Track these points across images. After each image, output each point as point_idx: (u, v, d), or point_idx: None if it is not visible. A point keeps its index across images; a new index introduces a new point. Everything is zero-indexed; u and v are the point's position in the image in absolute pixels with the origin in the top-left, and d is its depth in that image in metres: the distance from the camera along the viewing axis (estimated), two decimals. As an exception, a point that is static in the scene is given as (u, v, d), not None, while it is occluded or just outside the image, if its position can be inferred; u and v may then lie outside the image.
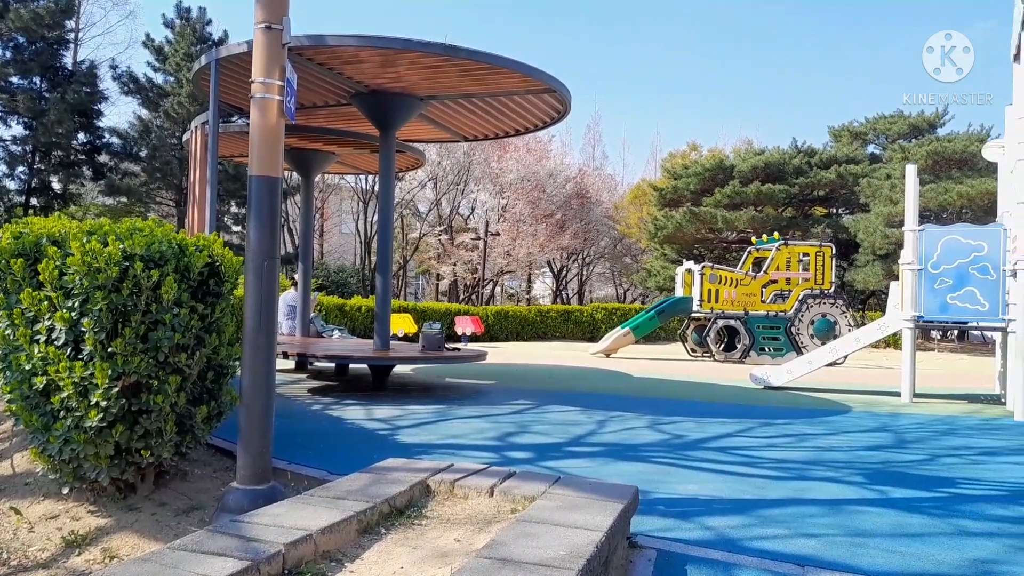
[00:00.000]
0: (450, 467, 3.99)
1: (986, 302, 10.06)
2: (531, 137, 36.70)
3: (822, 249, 19.40)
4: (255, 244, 4.06)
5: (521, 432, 7.15)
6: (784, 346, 18.55)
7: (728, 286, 19.27)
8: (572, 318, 28.52)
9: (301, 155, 13.14)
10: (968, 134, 30.21)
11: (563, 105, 10.48)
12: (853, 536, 4.06)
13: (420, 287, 50.81)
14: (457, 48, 8.76)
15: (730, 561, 3.59)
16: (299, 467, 5.25)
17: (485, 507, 3.50)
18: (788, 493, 5.02)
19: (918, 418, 9.02)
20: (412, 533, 3.18)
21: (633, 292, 46.23)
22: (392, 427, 7.19)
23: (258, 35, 4.08)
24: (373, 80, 9.89)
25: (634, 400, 10.19)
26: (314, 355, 10.11)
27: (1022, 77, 9.54)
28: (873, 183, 30.07)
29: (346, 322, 20.13)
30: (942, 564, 3.65)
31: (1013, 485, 5.50)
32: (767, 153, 34.71)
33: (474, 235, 36.91)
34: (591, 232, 40.13)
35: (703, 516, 4.35)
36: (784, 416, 8.83)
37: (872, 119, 35.75)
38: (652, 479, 5.27)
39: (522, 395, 10.10)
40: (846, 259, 31.51)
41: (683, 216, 32.97)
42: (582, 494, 3.55)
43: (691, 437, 7.17)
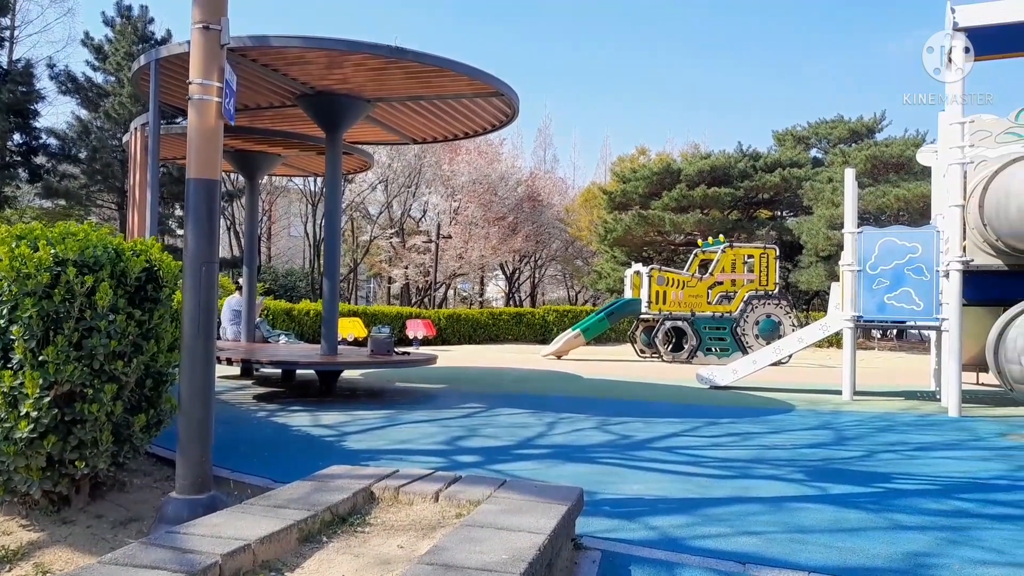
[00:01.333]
0: (395, 473, 3.96)
1: (921, 302, 10.40)
2: (482, 140, 36.73)
3: (766, 251, 19.81)
4: (193, 248, 3.98)
5: (470, 436, 7.13)
6: (730, 346, 18.88)
7: (675, 288, 19.55)
8: (524, 320, 28.58)
9: (245, 157, 12.91)
10: (904, 139, 31.20)
11: (511, 108, 10.50)
12: (793, 533, 4.14)
13: (371, 290, 50.36)
14: (404, 50, 8.71)
15: (673, 560, 3.64)
16: (242, 475, 5.15)
17: (430, 513, 3.48)
18: (731, 491, 5.10)
19: (858, 415, 9.27)
20: (355, 541, 3.15)
21: (585, 294, 46.56)
22: (339, 433, 7.11)
23: (195, 35, 4.00)
24: (319, 82, 9.78)
25: (584, 401, 10.26)
26: (259, 361, 9.94)
27: (953, 85, 9.88)
28: (816, 186, 30.83)
29: (294, 327, 19.83)
30: (876, 558, 3.76)
31: (945, 479, 5.69)
32: (713, 157, 35.32)
33: (426, 238, 36.75)
34: (543, 235, 40.31)
35: (648, 516, 4.39)
36: (729, 415, 8.99)
37: (814, 124, 36.68)
38: (599, 480, 5.31)
39: (472, 398, 10.09)
40: (790, 260, 32.25)
41: (632, 219, 33.35)
42: (527, 497, 3.55)
43: (638, 437, 7.24)
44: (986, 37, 9.87)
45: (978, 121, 9.37)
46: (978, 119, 9.39)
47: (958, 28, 9.59)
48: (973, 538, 4.13)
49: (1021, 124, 9.10)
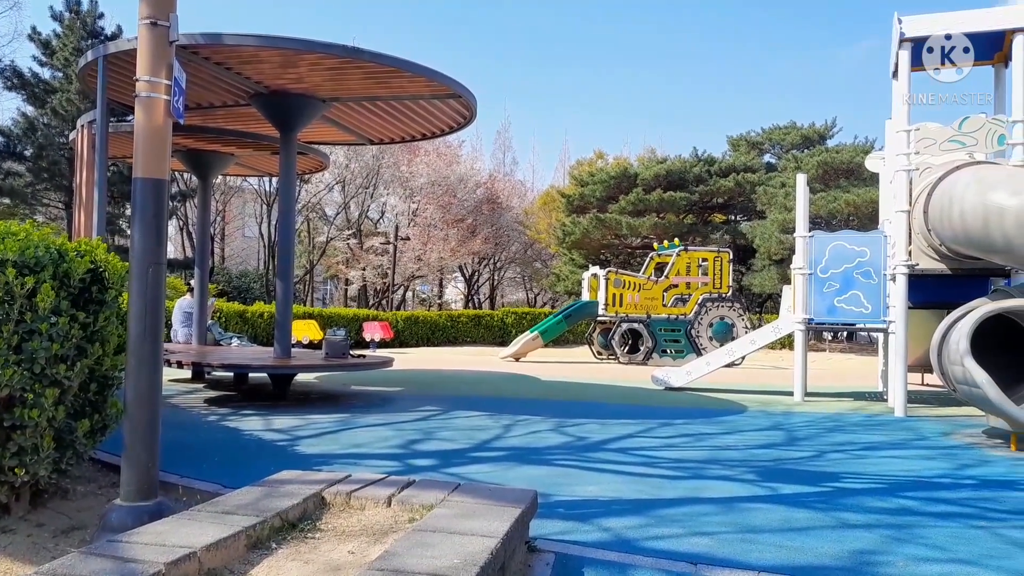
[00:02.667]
0: (347, 478, 3.91)
1: (869, 305, 10.65)
2: (441, 141, 36.61)
3: (720, 254, 20.10)
4: (140, 249, 3.88)
5: (426, 439, 7.09)
6: (685, 348, 19.11)
7: (632, 290, 19.72)
8: (483, 323, 28.54)
9: (197, 156, 12.68)
10: (855, 145, 31.96)
11: (469, 110, 10.48)
12: (744, 533, 4.20)
13: (328, 292, 49.82)
14: (360, 50, 8.64)
15: (626, 562, 3.66)
16: (191, 481, 5.04)
17: (382, 517, 3.45)
18: (684, 492, 5.16)
19: (808, 416, 9.45)
20: (304, 547, 3.10)
21: (544, 296, 46.69)
22: (292, 438, 7.01)
23: (143, 31, 3.90)
24: (273, 81, 9.64)
25: (541, 403, 10.28)
26: (210, 364, 9.75)
27: (900, 93, 10.14)
28: (769, 191, 31.39)
29: (247, 329, 19.50)
30: (824, 556, 3.83)
31: (891, 478, 5.83)
32: (669, 162, 35.74)
33: (384, 239, 36.46)
34: (502, 237, 40.31)
35: (602, 517, 4.41)
36: (683, 416, 9.09)
37: (768, 129, 37.35)
38: (555, 482, 5.32)
39: (429, 401, 10.04)
40: (744, 264, 32.78)
41: (590, 222, 33.56)
42: (481, 501, 3.54)
43: (594, 439, 7.28)
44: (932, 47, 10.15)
45: (923, 129, 9.61)
46: (923, 127, 9.64)
47: (904, 39, 9.86)
48: (917, 536, 4.23)
49: (964, 132, 9.36)
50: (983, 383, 6.79)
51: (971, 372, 6.92)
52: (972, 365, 6.94)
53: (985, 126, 9.31)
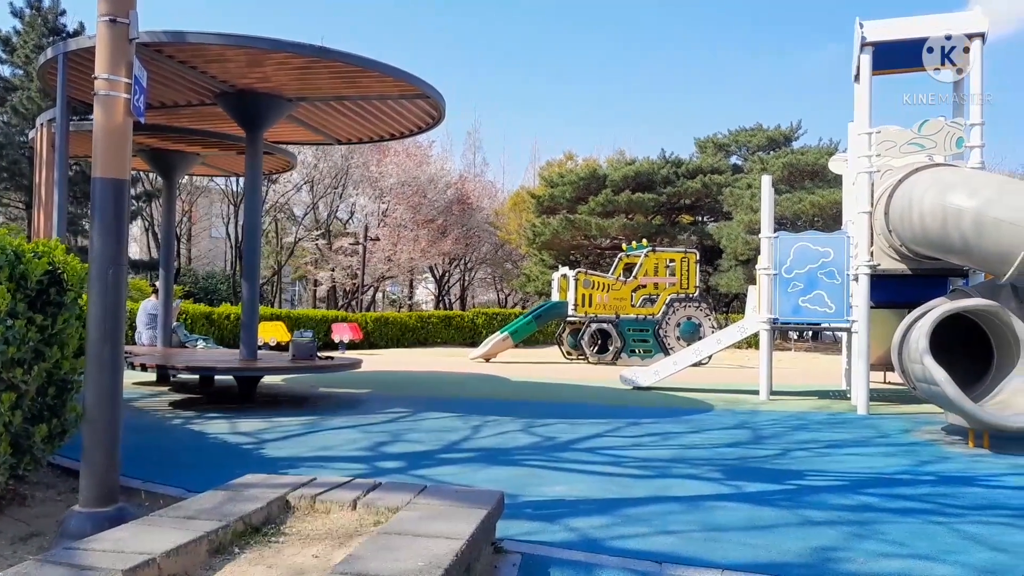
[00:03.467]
0: (312, 481, 3.88)
1: (833, 304, 10.82)
2: (411, 142, 36.47)
3: (687, 255, 20.29)
4: (99, 250, 3.81)
5: (394, 441, 7.06)
6: (653, 348, 19.25)
7: (600, 291, 19.82)
8: (453, 324, 28.48)
9: (162, 156, 12.49)
10: (819, 147, 32.45)
11: (437, 111, 10.46)
12: (709, 531, 4.24)
13: (297, 293, 49.39)
14: (327, 50, 8.57)
15: (592, 562, 3.67)
16: (154, 485, 4.97)
17: (347, 521, 3.43)
18: (651, 491, 5.19)
19: (773, 414, 9.57)
20: (268, 551, 3.07)
21: (514, 297, 46.73)
22: (258, 441, 6.93)
23: (101, 29, 3.84)
24: (239, 80, 9.53)
25: (510, 404, 10.29)
26: (175, 366, 9.62)
27: (862, 96, 10.32)
28: (735, 192, 31.75)
29: (214, 331, 19.25)
30: (787, 553, 3.88)
31: (854, 475, 5.93)
32: (638, 163, 35.98)
33: (353, 240, 36.22)
34: (472, 238, 40.27)
35: (569, 517, 4.43)
36: (651, 416, 9.15)
37: (734, 132, 37.76)
38: (522, 482, 5.33)
39: (398, 403, 9.99)
40: (711, 264, 33.11)
41: (560, 223, 33.67)
42: (447, 502, 3.53)
43: (562, 439, 7.30)
44: (892, 52, 10.35)
45: (885, 132, 9.78)
46: (885, 130, 9.81)
47: (865, 43, 10.03)
48: (877, 532, 4.31)
49: (923, 135, 9.54)
50: (942, 381, 6.93)
51: (930, 370, 7.06)
52: (931, 363, 7.08)
53: (944, 129, 9.51)
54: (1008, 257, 7.26)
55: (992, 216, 7.44)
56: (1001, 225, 7.33)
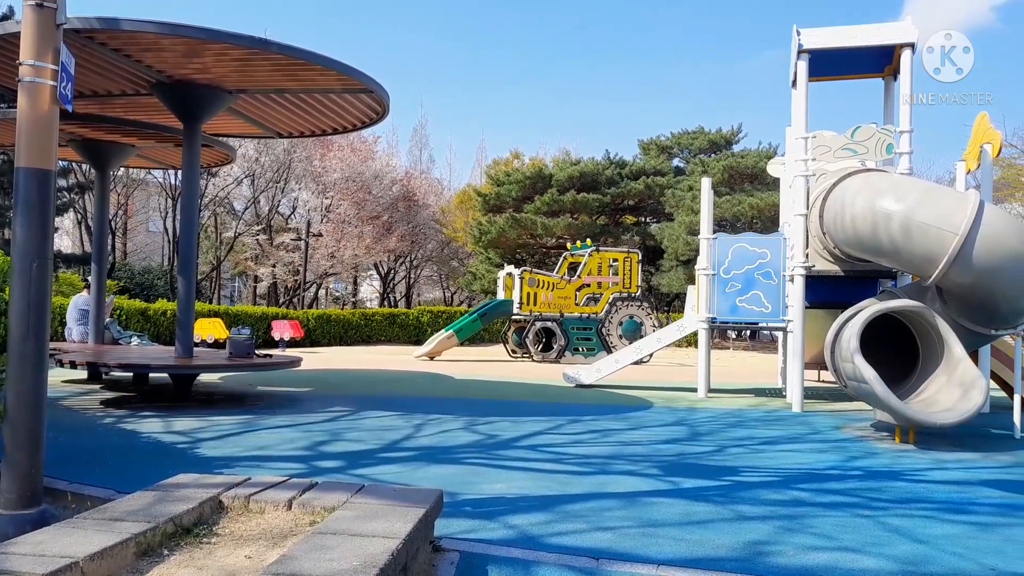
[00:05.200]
0: (247, 480, 3.80)
1: (769, 304, 11.08)
2: (356, 137, 36.04)
3: (630, 255, 20.55)
4: (22, 243, 3.67)
5: (334, 440, 6.97)
6: (596, 346, 19.44)
7: (545, 290, 19.94)
8: (398, 321, 28.27)
9: (95, 147, 12.08)
10: (759, 151, 33.20)
11: (381, 106, 10.36)
12: (646, 527, 4.30)
13: (236, 290, 48.36)
14: (268, 42, 8.41)
15: (530, 559, 3.69)
16: (82, 487, 4.81)
17: (282, 521, 3.37)
18: (589, 488, 5.25)
19: (711, 412, 9.77)
20: (199, 553, 3.00)
21: (460, 295, 46.62)
22: (192, 440, 6.77)
23: (27, 13, 3.69)
24: (176, 70, 9.28)
25: (453, 402, 10.27)
26: (107, 364, 9.31)
27: (799, 101, 10.61)
28: (677, 194, 32.28)
29: (149, 328, 18.72)
30: (721, 548, 3.96)
31: (786, 471, 6.09)
32: (583, 164, 36.28)
33: (295, 235, 35.63)
34: (418, 235, 40.01)
35: (508, 515, 4.44)
36: (592, 413, 9.24)
37: (677, 134, 38.35)
38: (463, 480, 5.33)
39: (339, 401, 9.87)
40: (653, 264, 33.60)
41: (506, 222, 33.73)
42: (384, 502, 3.51)
43: (504, 437, 7.32)
44: (828, 59, 10.67)
45: (820, 137, 10.06)
46: (820, 135, 10.09)
47: (802, 50, 10.31)
48: (807, 525, 4.43)
49: (856, 141, 9.84)
50: (871, 379, 7.17)
51: (860, 369, 7.29)
52: (861, 362, 7.32)
53: (875, 135, 9.82)
54: (933, 259, 7.55)
55: (918, 220, 7.73)
56: (927, 229, 7.62)
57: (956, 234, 7.32)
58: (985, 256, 7.28)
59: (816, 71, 10.63)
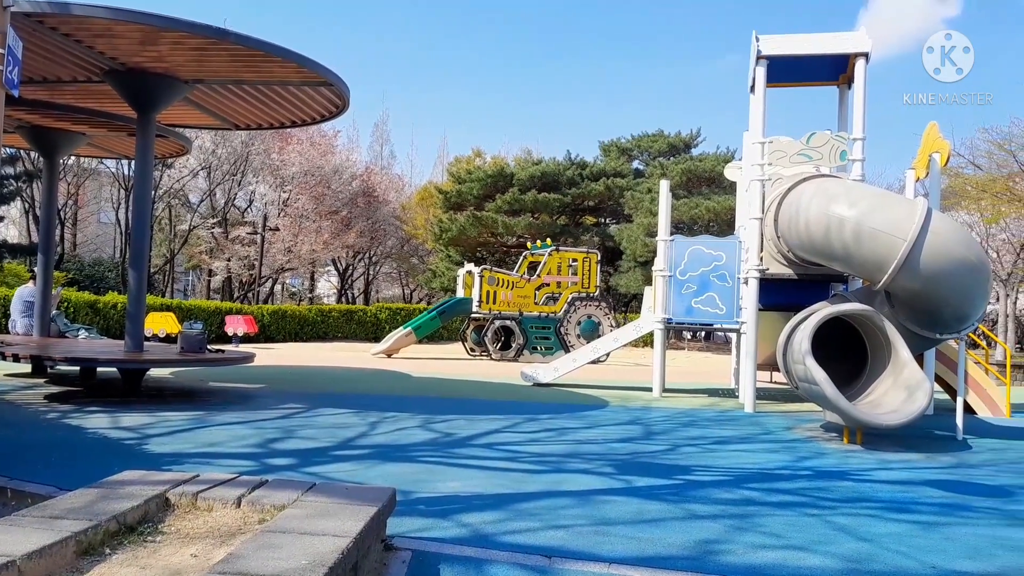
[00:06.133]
0: (195, 478, 3.73)
1: (724, 306, 11.24)
2: (315, 131, 35.63)
3: (589, 255, 20.69)
4: (-38, 232, 3.54)
5: (286, 438, 6.88)
6: (554, 345, 19.53)
7: (505, 288, 19.96)
8: (355, 318, 28.03)
9: (43, 134, 11.75)
10: (716, 155, 33.69)
11: (341, 100, 10.26)
12: (599, 525, 4.32)
13: (190, 283, 47.49)
14: (226, 31, 8.26)
15: (483, 557, 3.68)
16: (23, 484, 4.67)
17: (231, 519, 3.31)
18: (544, 486, 5.26)
19: (665, 411, 9.87)
20: (143, 552, 2.93)
21: (420, 293, 46.41)
22: (141, 436, 6.62)
23: (-30, -7, 3.57)
24: (130, 58, 9.07)
25: (410, 400, 10.21)
26: (52, 357, 9.06)
27: (757, 107, 10.77)
28: (636, 196, 32.58)
29: (99, 321, 18.28)
30: (672, 547, 4.00)
31: (738, 470, 6.18)
32: (544, 163, 36.42)
33: (251, 229, 35.09)
34: (378, 231, 39.70)
35: (462, 513, 4.43)
36: (548, 411, 9.28)
37: (637, 137, 38.70)
38: (417, 479, 5.29)
39: (293, 398, 9.74)
40: (611, 265, 33.87)
41: (467, 220, 33.70)
42: (336, 500, 3.46)
43: (460, 435, 7.30)
44: (785, 66, 10.85)
45: (776, 142, 10.24)
46: (776, 140, 10.27)
47: (761, 56, 10.46)
48: (757, 524, 4.50)
49: (811, 147, 10.05)
50: (821, 381, 7.31)
51: (811, 371, 7.44)
52: (812, 364, 7.46)
53: (830, 142, 10.03)
54: (883, 264, 7.73)
55: (869, 226, 7.91)
56: (877, 234, 7.80)
57: (905, 240, 7.51)
58: (932, 262, 7.48)
59: (774, 77, 10.80)
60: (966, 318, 8.04)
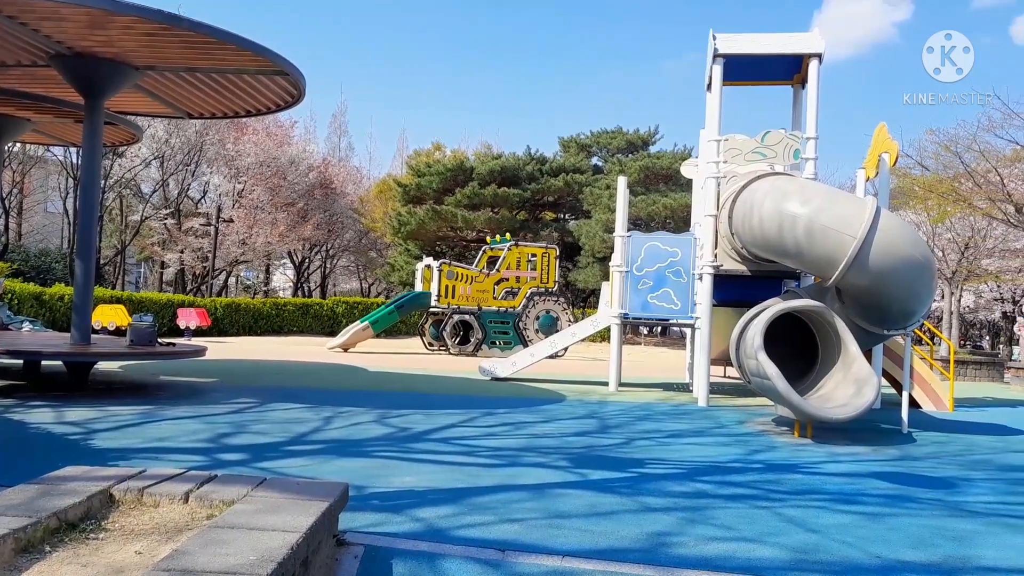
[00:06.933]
0: (141, 473, 3.64)
1: (679, 302, 11.37)
2: (272, 121, 35.07)
3: (548, 251, 20.76)
4: None
5: (238, 432, 6.77)
6: (513, 340, 19.56)
7: (464, 283, 19.91)
8: (311, 312, 27.70)
9: (-15, 119, 11.36)
10: (674, 152, 34.05)
11: (297, 89, 10.10)
12: (552, 518, 4.34)
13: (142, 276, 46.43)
14: (179, 17, 8.07)
15: (436, 551, 3.67)
16: (-42, 481, 4.50)
17: (178, 515, 3.24)
18: (499, 480, 5.26)
19: (621, 405, 9.96)
20: (85, 549, 2.85)
21: (378, 286, 46.04)
22: (86, 431, 6.45)
23: (-96, -31, 3.41)
24: (78, 42, 8.81)
25: (366, 395, 10.12)
26: (-7, 350, 8.78)
27: (713, 105, 10.88)
28: (595, 192, 32.77)
29: (45, 313, 17.77)
30: (625, 539, 4.03)
31: (691, 463, 6.26)
32: (504, 158, 36.41)
33: (205, 221, 34.40)
34: (335, 224, 39.24)
35: (416, 508, 4.41)
36: (505, 406, 9.29)
37: (596, 133, 38.90)
38: (372, 474, 5.25)
39: (246, 393, 9.59)
40: (570, 260, 34.02)
41: (426, 213, 33.52)
42: (287, 495, 3.41)
43: (417, 429, 7.26)
44: (741, 65, 10.99)
45: (732, 140, 10.37)
46: (732, 138, 10.40)
47: (718, 54, 10.58)
48: (708, 517, 4.56)
49: (766, 145, 10.21)
50: (773, 376, 7.44)
51: (763, 365, 7.56)
52: (764, 359, 7.59)
53: (784, 141, 10.19)
54: (834, 261, 7.89)
55: (821, 223, 8.06)
56: (828, 232, 7.95)
57: (855, 238, 7.67)
58: (880, 260, 7.65)
59: (730, 76, 10.93)
60: (912, 314, 8.25)
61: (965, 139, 19.35)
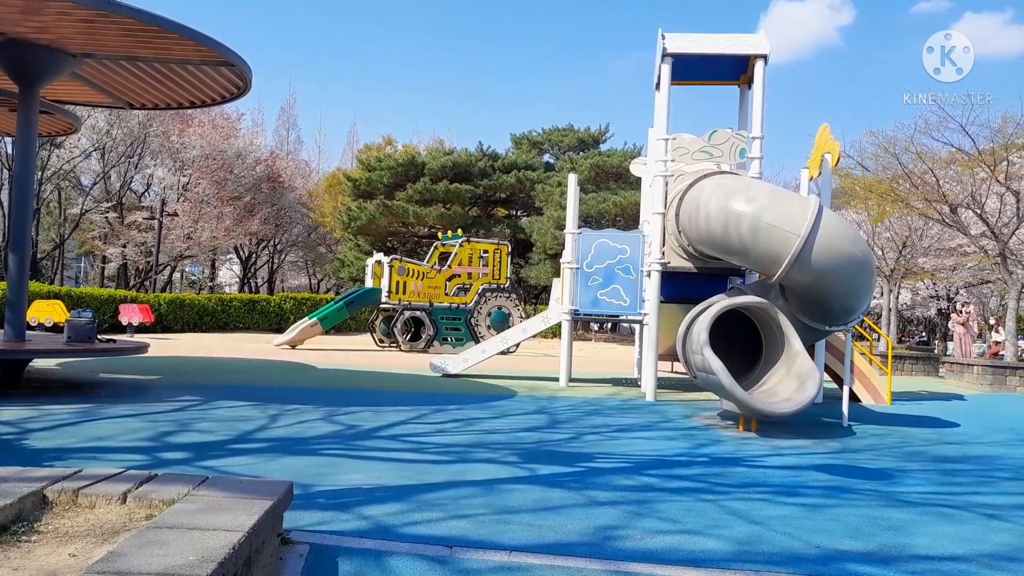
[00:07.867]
0: (77, 473, 3.53)
1: (628, 298, 11.49)
2: (218, 113, 34.33)
3: (500, 247, 20.77)
4: None
5: (181, 431, 6.62)
6: (465, 336, 19.52)
7: (415, 279, 19.80)
8: (258, 308, 27.21)
9: (-88, 106, 10.87)
10: (624, 151, 34.37)
11: (243, 80, 9.90)
12: (501, 514, 4.34)
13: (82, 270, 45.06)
14: (117, 4, 7.82)
15: (382, 549, 3.64)
16: None
17: (115, 516, 3.15)
18: (448, 476, 5.25)
19: (571, 400, 10.02)
20: (15, 552, 2.75)
21: (328, 282, 45.47)
22: (20, 431, 6.23)
23: None
24: (11, 27, 8.48)
25: (313, 392, 9.99)
26: (-79, 348, 8.42)
27: (662, 103, 11.02)
28: (547, 189, 32.91)
29: (-24, 309, 17.08)
30: (572, 533, 4.05)
31: (638, 457, 6.33)
32: (456, 154, 36.28)
33: (148, 214, 33.51)
34: (283, 218, 38.63)
35: (363, 505, 4.37)
36: (456, 402, 9.26)
37: (548, 130, 39.05)
38: (318, 472, 5.19)
39: (189, 391, 9.38)
40: (522, 257, 34.12)
41: (376, 208, 33.22)
42: (229, 494, 3.35)
43: (365, 427, 7.20)
44: (690, 64, 11.13)
45: (679, 139, 10.51)
46: (679, 138, 10.54)
47: (667, 53, 10.71)
48: (655, 510, 4.62)
49: (712, 144, 10.37)
50: (718, 371, 7.57)
51: (709, 361, 7.69)
52: (710, 354, 7.72)
53: (730, 140, 10.37)
54: (778, 258, 8.05)
55: (765, 222, 8.22)
56: (772, 230, 8.12)
57: (798, 236, 7.84)
58: (822, 257, 7.84)
59: (679, 75, 11.06)
60: (853, 311, 8.48)
61: (903, 141, 19.94)
